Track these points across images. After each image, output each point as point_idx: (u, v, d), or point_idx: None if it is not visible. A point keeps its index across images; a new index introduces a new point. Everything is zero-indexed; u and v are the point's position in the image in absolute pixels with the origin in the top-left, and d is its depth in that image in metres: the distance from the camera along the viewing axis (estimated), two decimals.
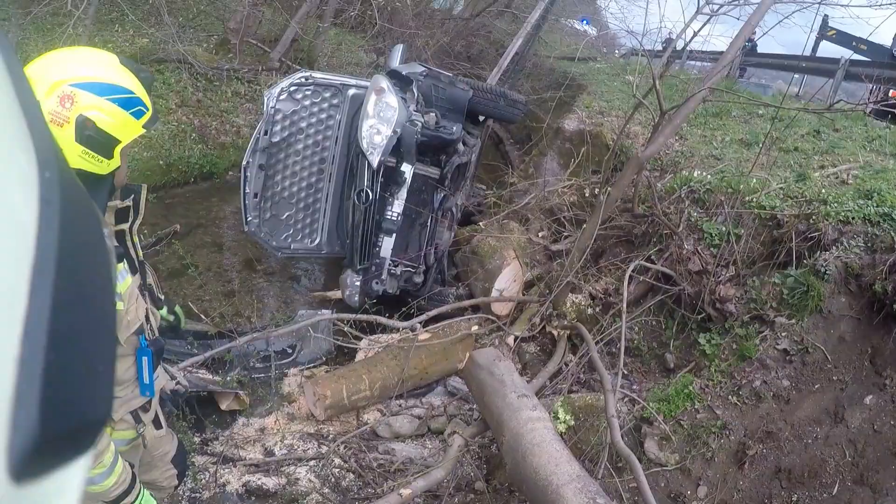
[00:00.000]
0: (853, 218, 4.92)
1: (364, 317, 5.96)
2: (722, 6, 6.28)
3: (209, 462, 4.71)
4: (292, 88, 6.80)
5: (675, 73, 13.00)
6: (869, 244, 4.69)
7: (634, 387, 5.23)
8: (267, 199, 7.07)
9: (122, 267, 2.42)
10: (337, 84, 7.07)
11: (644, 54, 6.49)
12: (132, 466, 2.55)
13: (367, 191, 6.40)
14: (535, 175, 8.95)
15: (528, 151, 9.82)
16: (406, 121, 6.32)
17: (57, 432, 0.43)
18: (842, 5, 6.52)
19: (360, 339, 5.99)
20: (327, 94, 7.01)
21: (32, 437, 0.41)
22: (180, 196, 9.49)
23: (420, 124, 6.44)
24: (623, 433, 4.15)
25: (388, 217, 6.61)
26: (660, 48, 10.93)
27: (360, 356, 5.90)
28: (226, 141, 10.48)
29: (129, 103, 2.20)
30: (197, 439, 4.95)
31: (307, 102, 6.92)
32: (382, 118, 6.26)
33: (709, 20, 6.52)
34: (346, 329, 5.90)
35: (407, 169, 6.55)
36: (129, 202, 2.44)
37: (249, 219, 6.94)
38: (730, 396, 4.46)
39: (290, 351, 6.06)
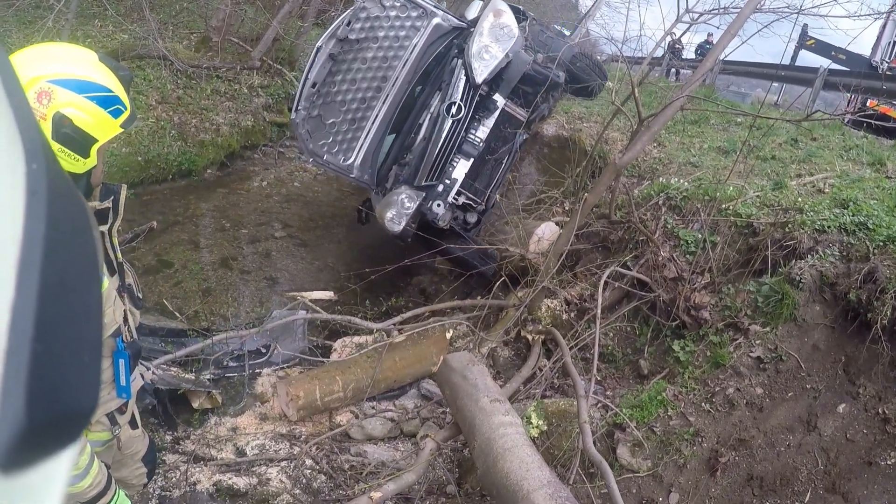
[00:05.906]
0: (829, 227, 4.90)
1: (339, 317, 5.88)
2: (701, 15, 6.31)
3: (180, 460, 4.66)
4: None
5: (655, 80, 13.03)
6: (844, 253, 4.67)
7: (608, 393, 5.23)
8: (320, 96, 6.95)
9: None
10: (428, 8, 7.02)
11: (624, 61, 6.49)
12: (107, 467, 2.54)
13: (459, 104, 6.32)
14: (512, 179, 8.93)
15: None
16: (520, 48, 6.29)
17: (43, 424, 0.44)
18: (821, 16, 6.57)
19: (333, 339, 5.94)
20: (414, 14, 6.94)
21: (19, 428, 0.41)
22: (158, 193, 9.44)
23: (532, 57, 6.41)
24: (595, 439, 4.13)
25: (471, 140, 6.52)
26: (640, 55, 10.95)
27: (333, 357, 5.86)
28: (205, 139, 10.42)
29: (107, 101, 2.16)
30: (168, 437, 4.92)
31: (392, 13, 6.85)
32: (498, 39, 6.21)
33: (689, 28, 6.55)
34: (319, 321, 5.80)
35: (499, 99, 6.48)
36: (108, 203, 2.40)
37: (300, 108, 6.83)
38: (703, 403, 4.44)
39: (263, 351, 6.01)
